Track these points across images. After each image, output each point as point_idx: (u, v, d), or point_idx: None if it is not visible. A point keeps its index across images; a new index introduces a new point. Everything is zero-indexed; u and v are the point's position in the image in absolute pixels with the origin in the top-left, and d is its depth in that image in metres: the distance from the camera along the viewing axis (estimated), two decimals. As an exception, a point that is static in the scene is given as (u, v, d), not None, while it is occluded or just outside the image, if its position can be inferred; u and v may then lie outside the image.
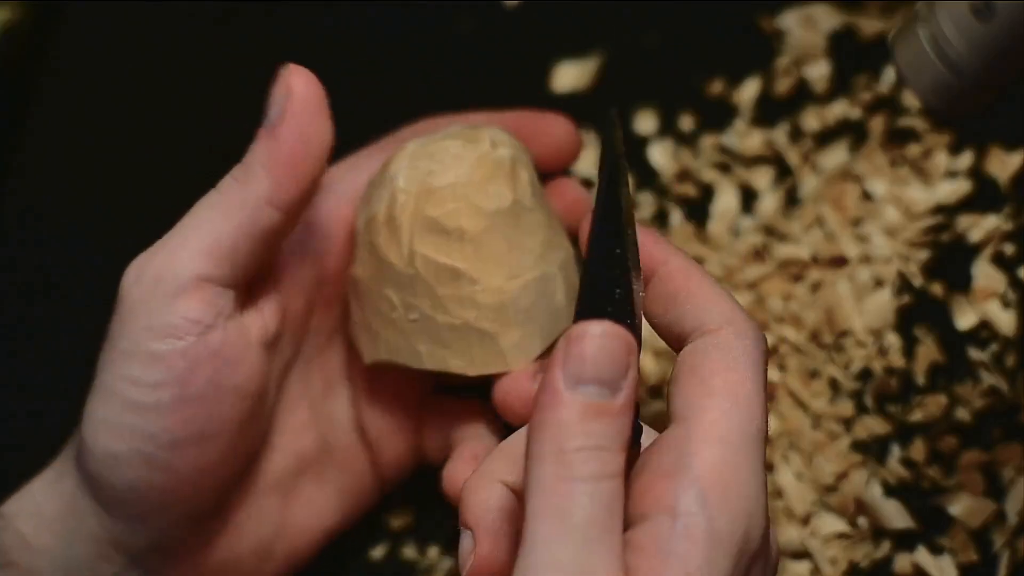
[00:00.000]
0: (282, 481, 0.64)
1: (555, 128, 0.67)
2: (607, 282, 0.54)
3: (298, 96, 0.60)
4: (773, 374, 0.67)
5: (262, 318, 0.61)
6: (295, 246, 0.63)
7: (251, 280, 0.61)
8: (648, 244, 0.57)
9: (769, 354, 0.55)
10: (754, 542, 0.52)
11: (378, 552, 0.68)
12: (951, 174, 0.69)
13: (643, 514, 0.51)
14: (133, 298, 0.59)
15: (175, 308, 0.58)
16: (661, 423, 0.69)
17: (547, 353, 0.61)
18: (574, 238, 0.64)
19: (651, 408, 0.69)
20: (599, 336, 0.51)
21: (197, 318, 0.58)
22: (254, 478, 0.63)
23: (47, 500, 0.61)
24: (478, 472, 0.55)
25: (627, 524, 0.51)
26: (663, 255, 0.57)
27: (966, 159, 0.70)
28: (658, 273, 0.56)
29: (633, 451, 0.53)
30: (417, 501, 0.68)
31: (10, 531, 0.61)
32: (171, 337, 0.58)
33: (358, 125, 0.74)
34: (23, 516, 0.61)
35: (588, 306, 0.53)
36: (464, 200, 0.60)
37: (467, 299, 0.60)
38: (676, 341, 0.56)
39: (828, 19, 0.74)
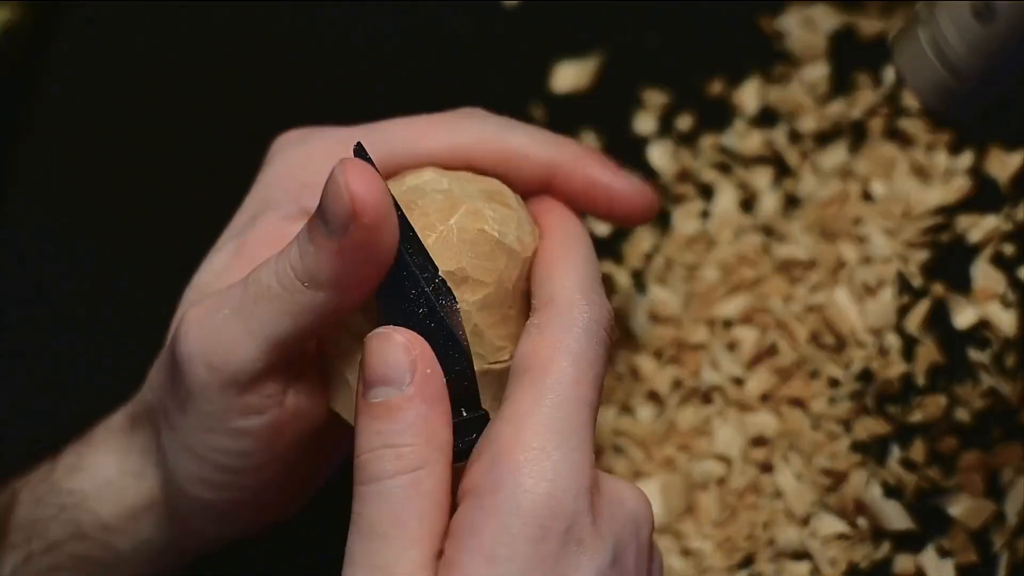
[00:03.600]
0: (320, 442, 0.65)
1: (633, 198, 0.64)
2: (407, 306, 0.56)
3: (360, 203, 0.55)
4: (772, 375, 0.68)
5: (314, 363, 0.62)
6: None
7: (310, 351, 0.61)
8: (542, 212, 0.60)
9: (606, 331, 0.57)
10: (564, 507, 0.53)
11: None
12: (951, 174, 0.69)
13: (457, 501, 0.54)
14: (209, 385, 0.58)
15: (256, 391, 0.59)
16: (662, 426, 0.69)
17: None
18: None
19: (648, 410, 0.69)
20: (375, 339, 0.55)
21: (273, 393, 0.59)
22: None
23: (130, 493, 0.63)
24: None
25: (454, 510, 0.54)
26: (550, 225, 0.60)
27: (966, 159, 0.70)
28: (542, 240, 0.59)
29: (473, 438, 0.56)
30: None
31: (87, 511, 0.63)
32: (254, 414, 0.59)
33: (358, 124, 0.74)
34: (104, 502, 0.63)
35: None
36: None
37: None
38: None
39: (828, 19, 0.74)
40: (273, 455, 0.60)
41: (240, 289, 0.58)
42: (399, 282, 0.56)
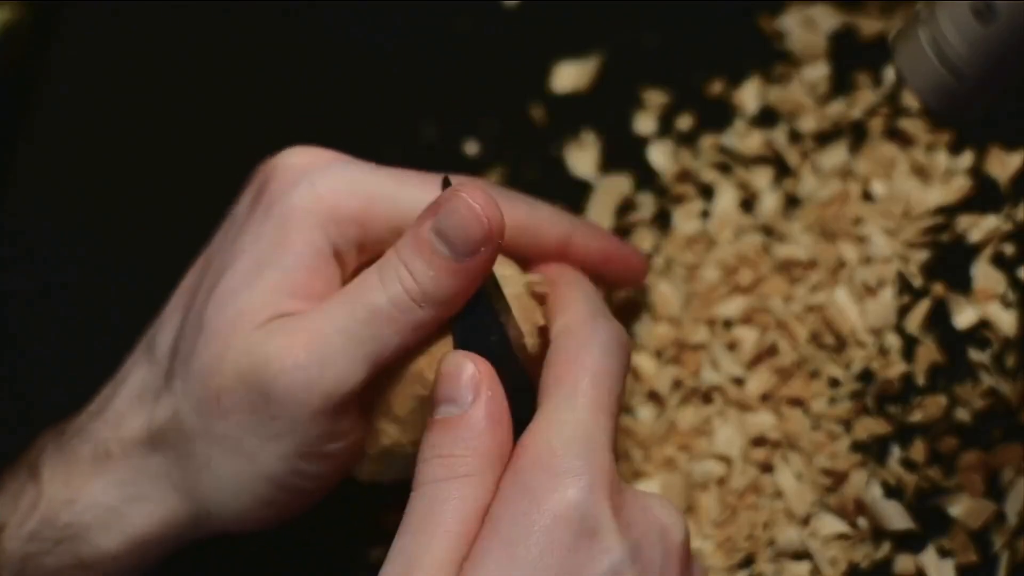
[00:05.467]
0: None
1: (632, 260, 0.68)
2: (480, 335, 0.59)
3: (497, 226, 0.59)
4: (772, 375, 0.68)
5: None
6: None
7: None
8: (546, 269, 0.64)
9: (621, 347, 0.60)
10: (582, 505, 0.56)
11: (378, 552, 0.68)
12: (951, 174, 0.69)
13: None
14: (304, 407, 0.60)
15: (349, 415, 0.60)
16: (662, 426, 0.69)
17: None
18: None
19: (648, 410, 0.69)
20: (448, 362, 0.58)
21: (360, 414, 0.61)
22: None
23: (137, 520, 0.63)
24: None
25: None
26: (553, 276, 0.63)
27: (966, 159, 0.69)
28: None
29: None
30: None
31: (87, 543, 0.63)
32: (342, 438, 0.61)
33: (358, 125, 0.74)
34: (106, 533, 0.63)
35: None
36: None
37: (377, 432, 0.62)
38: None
39: (828, 19, 0.74)
40: (341, 475, 0.62)
41: (342, 310, 0.60)
42: (476, 305, 0.59)
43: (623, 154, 0.74)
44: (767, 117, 0.73)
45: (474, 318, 0.59)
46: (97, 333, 0.76)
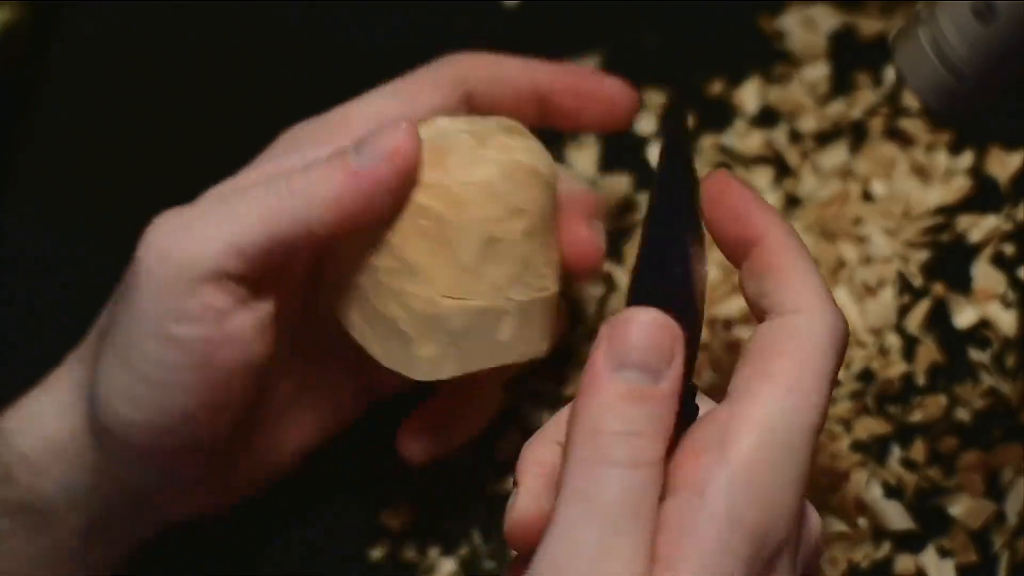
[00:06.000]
0: (277, 414, 0.65)
1: (613, 91, 0.66)
2: (665, 266, 0.54)
3: (404, 146, 0.59)
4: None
5: (274, 297, 0.61)
6: None
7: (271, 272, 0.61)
8: (752, 214, 0.56)
9: (843, 348, 0.55)
10: (777, 533, 0.51)
11: (378, 552, 0.68)
12: (951, 174, 0.69)
13: (672, 489, 0.51)
14: (155, 277, 0.59)
15: (198, 295, 0.59)
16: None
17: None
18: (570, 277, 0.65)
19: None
20: (645, 323, 0.51)
21: (218, 306, 0.59)
22: (253, 421, 0.64)
23: (51, 425, 0.62)
24: (538, 433, 0.55)
25: (661, 498, 0.51)
26: (763, 227, 0.56)
27: (966, 159, 0.70)
28: (755, 248, 0.56)
29: (681, 433, 0.53)
30: (416, 501, 0.68)
31: (10, 448, 0.62)
32: (192, 322, 0.59)
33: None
34: (25, 435, 0.62)
35: (641, 291, 0.53)
36: (464, 194, 0.60)
37: (401, 298, 0.60)
38: (759, 318, 0.56)
39: (828, 19, 0.74)
40: (202, 379, 0.59)
41: (215, 191, 0.60)
42: (661, 239, 0.54)
43: (623, 154, 0.74)
44: (767, 117, 0.73)
45: (657, 254, 0.54)
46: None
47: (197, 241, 0.59)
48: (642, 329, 0.51)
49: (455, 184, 0.59)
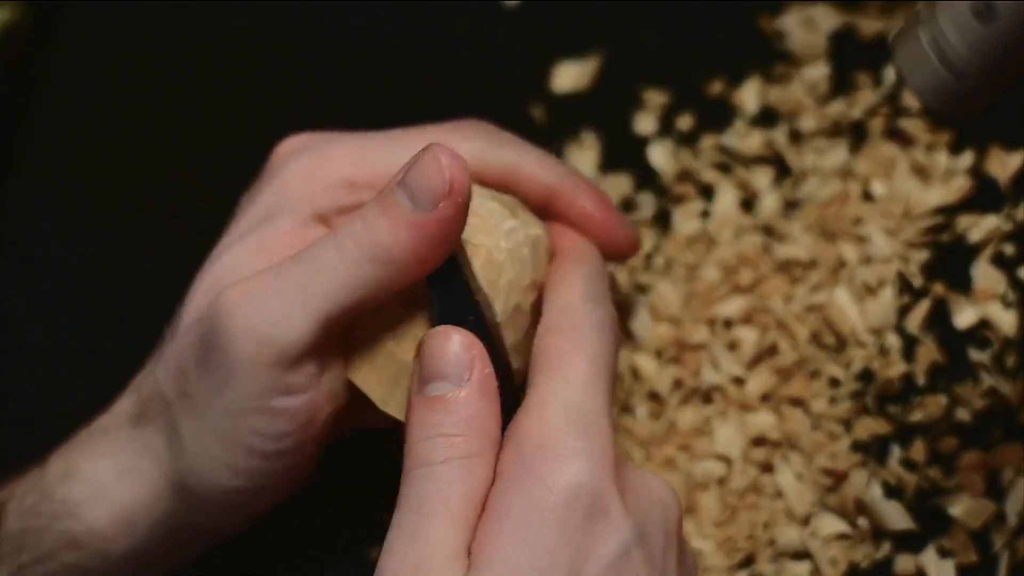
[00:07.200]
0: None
1: (618, 235, 0.66)
2: (459, 312, 0.59)
3: (458, 181, 0.57)
4: (772, 375, 0.67)
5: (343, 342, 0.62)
6: None
7: None
8: (555, 234, 0.63)
9: (615, 339, 0.60)
10: (589, 486, 0.55)
11: (378, 552, 0.68)
12: (951, 174, 0.69)
13: (496, 474, 0.57)
14: (252, 361, 0.59)
15: (300, 371, 0.59)
16: (662, 426, 0.69)
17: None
18: None
19: (648, 410, 0.69)
20: (434, 337, 0.57)
21: (314, 373, 0.60)
22: None
23: (125, 496, 0.62)
24: None
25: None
26: (562, 246, 0.63)
27: (966, 159, 0.70)
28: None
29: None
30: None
31: (78, 520, 0.62)
32: (295, 393, 0.59)
33: (358, 124, 0.74)
34: (95, 506, 0.62)
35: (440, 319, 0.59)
36: (500, 257, 0.61)
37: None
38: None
39: (828, 19, 0.74)
40: (305, 439, 0.60)
41: (293, 264, 0.59)
42: (452, 283, 0.59)
43: (623, 154, 0.74)
44: (767, 117, 0.73)
45: (449, 296, 0.59)
46: (97, 333, 0.76)
47: (291, 322, 0.58)
48: (434, 342, 0.57)
49: (495, 247, 0.60)
